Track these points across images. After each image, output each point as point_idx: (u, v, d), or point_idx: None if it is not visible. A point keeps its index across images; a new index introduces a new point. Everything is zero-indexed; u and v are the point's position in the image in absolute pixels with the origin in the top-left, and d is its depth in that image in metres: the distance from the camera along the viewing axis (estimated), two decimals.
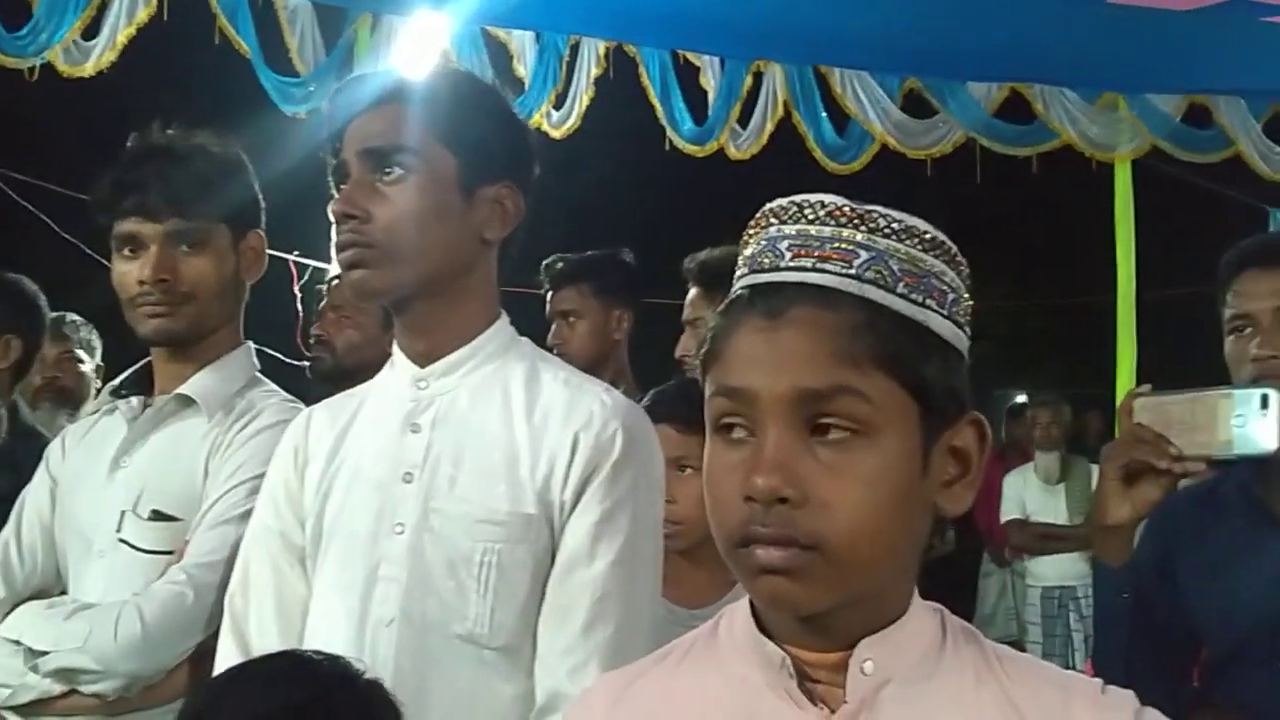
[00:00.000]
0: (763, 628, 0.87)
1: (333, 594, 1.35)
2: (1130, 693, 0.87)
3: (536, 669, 1.31)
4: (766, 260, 0.85)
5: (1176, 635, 1.72)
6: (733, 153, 4.96)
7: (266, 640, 1.37)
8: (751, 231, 0.88)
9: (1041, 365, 10.63)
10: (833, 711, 0.84)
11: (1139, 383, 1.76)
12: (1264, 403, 1.52)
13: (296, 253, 4.28)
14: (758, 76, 4.92)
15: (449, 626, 1.30)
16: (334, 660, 1.14)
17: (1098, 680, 0.88)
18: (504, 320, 1.45)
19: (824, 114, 4.98)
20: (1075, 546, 5.10)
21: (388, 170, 1.35)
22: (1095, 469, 1.78)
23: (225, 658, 1.38)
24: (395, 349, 1.44)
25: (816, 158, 4.99)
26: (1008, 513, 5.64)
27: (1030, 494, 5.64)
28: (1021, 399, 8.36)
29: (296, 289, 3.92)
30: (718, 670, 0.90)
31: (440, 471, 1.33)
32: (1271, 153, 5.45)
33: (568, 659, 1.29)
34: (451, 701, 1.29)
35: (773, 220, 0.86)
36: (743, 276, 0.87)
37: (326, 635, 1.32)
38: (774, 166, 5.17)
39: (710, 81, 4.86)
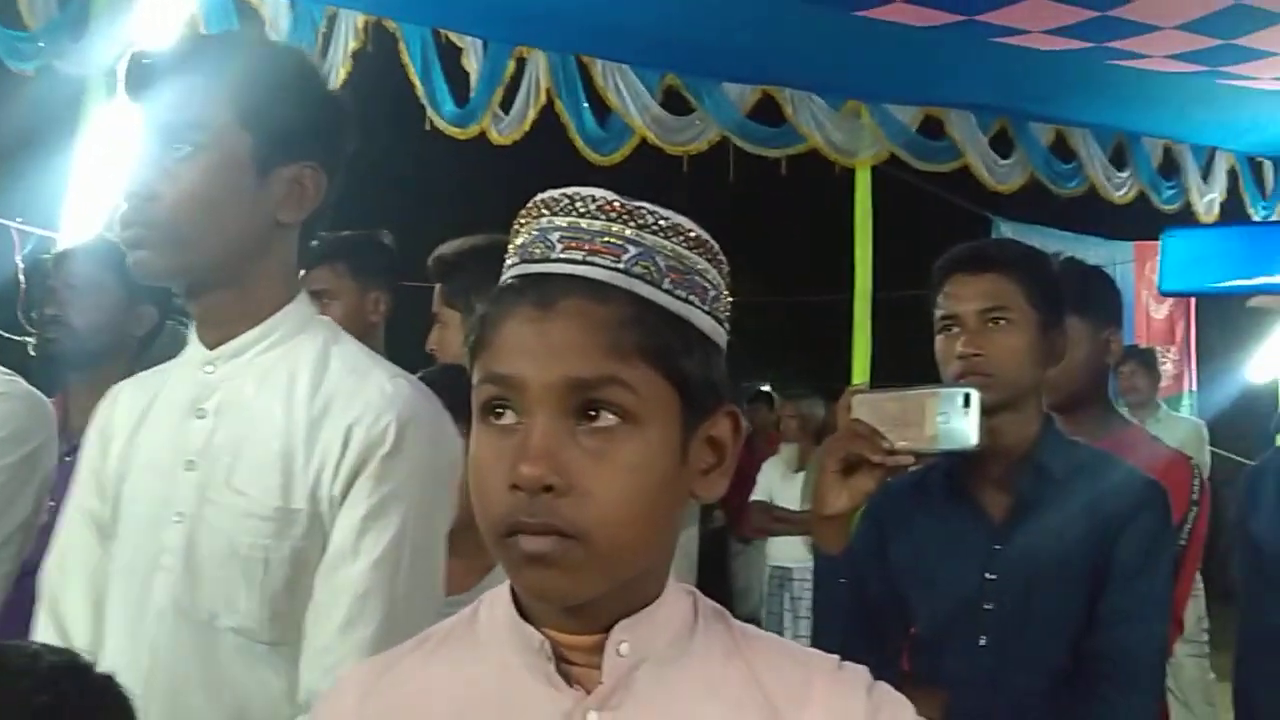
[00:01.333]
0: (522, 612, 0.88)
1: (121, 579, 1.32)
2: (864, 669, 0.92)
3: (300, 665, 1.28)
4: (538, 251, 0.86)
5: (889, 618, 1.84)
6: (495, 137, 4.94)
7: (78, 622, 1.33)
8: (522, 221, 0.89)
9: (786, 359, 11.06)
10: (589, 693, 0.86)
11: (874, 378, 1.87)
12: (966, 401, 1.65)
13: (20, 220, 3.99)
14: (521, 62, 4.91)
15: (221, 619, 1.27)
16: (62, 654, 1.09)
17: (834, 657, 0.93)
18: (300, 301, 1.40)
19: (586, 104, 5.02)
20: (800, 530, 5.41)
21: (176, 146, 1.28)
22: None
23: (42, 634, 1.34)
24: (191, 330, 1.39)
25: (578, 147, 5.03)
26: (758, 495, 5.95)
27: (776, 480, 5.94)
28: (765, 388, 8.74)
29: (19, 259, 3.64)
30: (476, 655, 0.90)
31: (220, 461, 1.30)
32: (996, 165, 5.87)
33: (325, 657, 1.26)
34: (224, 694, 1.27)
35: (544, 211, 0.87)
36: (513, 265, 0.88)
37: (113, 621, 1.30)
38: (536, 153, 5.18)
39: (473, 64, 4.81)
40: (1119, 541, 1.72)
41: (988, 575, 1.78)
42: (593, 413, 0.82)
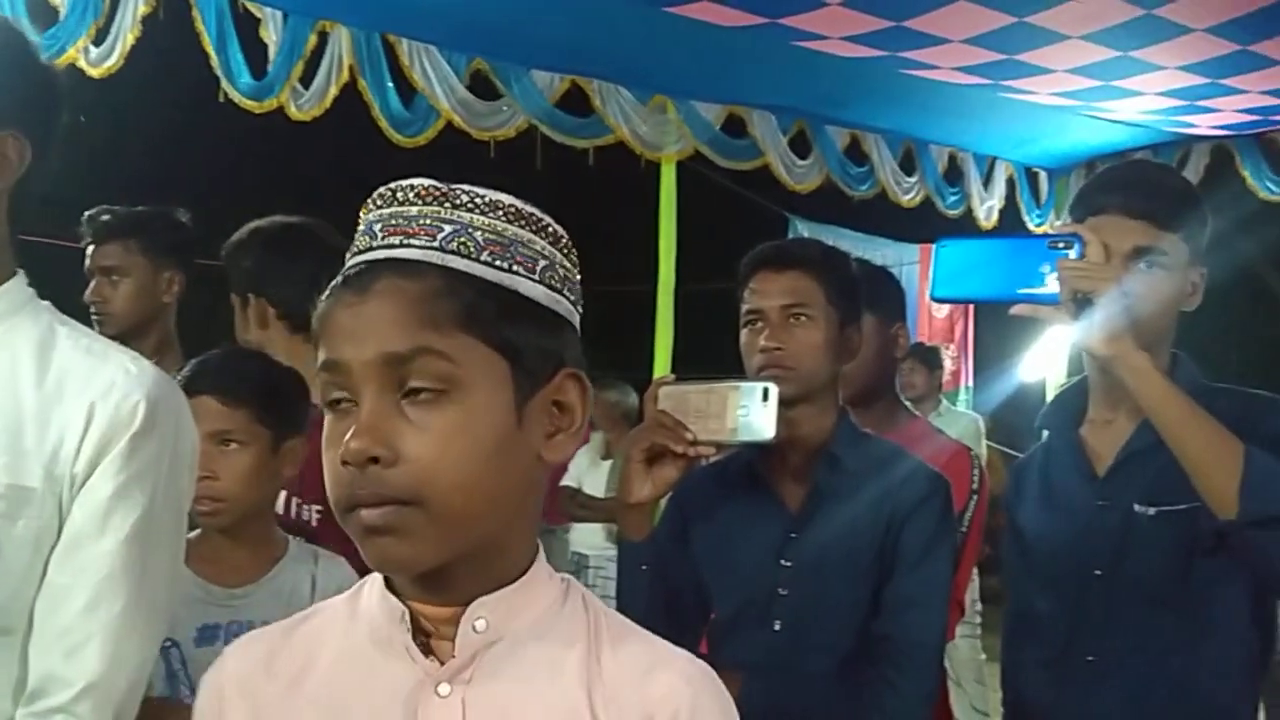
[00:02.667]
0: (391, 586, 0.91)
1: None
2: (705, 665, 0.97)
3: (30, 651, 1.22)
4: (362, 243, 0.89)
5: (689, 603, 1.89)
6: (294, 112, 4.77)
7: None
8: (358, 218, 0.91)
9: (594, 348, 11.13)
10: (443, 665, 0.88)
11: (675, 369, 1.91)
12: (765, 395, 1.71)
13: None
14: (323, 36, 4.76)
15: None
16: None
17: (684, 651, 0.97)
18: (18, 280, 1.33)
19: (390, 84, 4.91)
20: (605, 517, 5.50)
21: None
22: None
23: None
24: None
25: (381, 127, 4.92)
26: (568, 481, 6.00)
27: (585, 467, 6.01)
28: None
29: None
30: (353, 627, 0.93)
31: None
32: (795, 165, 6.05)
33: (65, 639, 1.21)
34: None
35: (371, 206, 0.90)
36: (348, 261, 0.90)
37: None
38: (337, 131, 5.04)
39: (271, 36, 4.63)
40: (905, 530, 1.81)
41: (783, 562, 1.85)
42: (417, 387, 0.84)
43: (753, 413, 1.70)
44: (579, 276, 0.97)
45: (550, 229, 0.93)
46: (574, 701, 0.89)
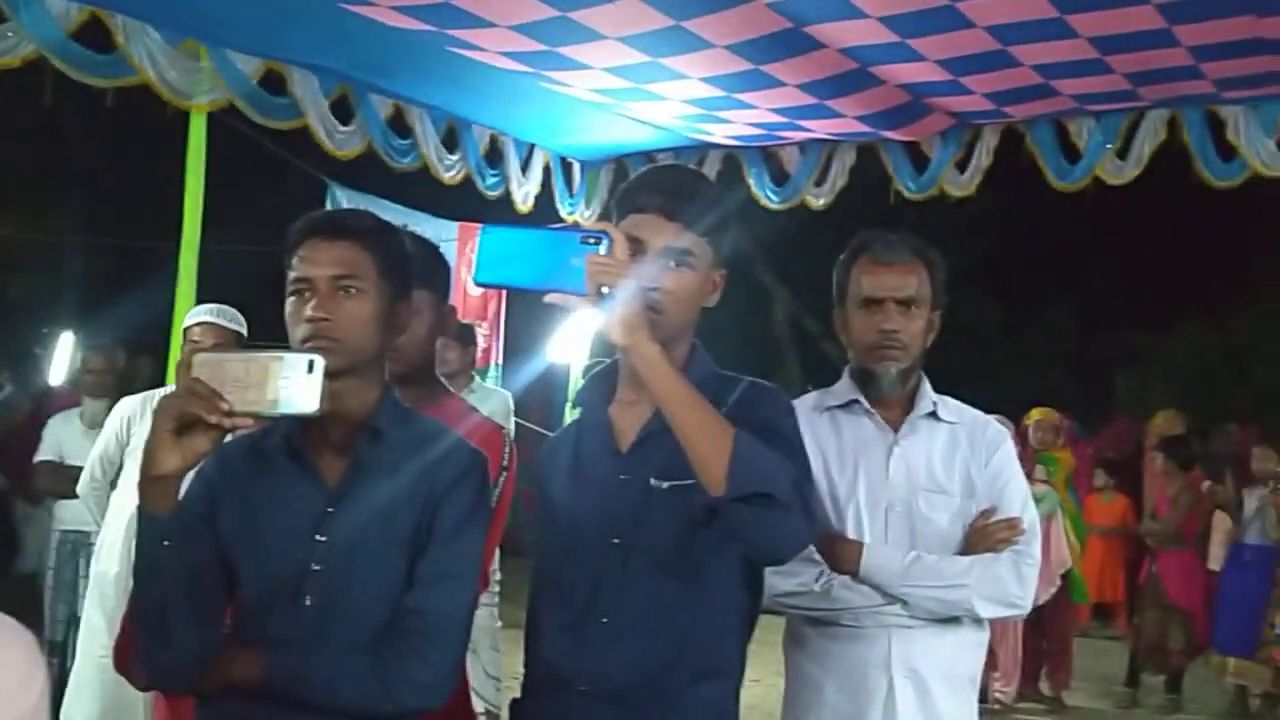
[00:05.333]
0: None
1: None
2: None
3: None
4: None
5: (213, 581, 1.82)
6: None
7: None
8: None
9: (106, 304, 10.26)
10: None
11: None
12: (310, 367, 1.68)
13: None
14: None
15: None
16: None
17: None
18: None
19: None
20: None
21: None
22: None
23: None
24: None
25: None
26: (45, 454, 5.47)
27: (71, 438, 5.49)
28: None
29: None
30: None
31: None
32: (336, 130, 5.89)
33: None
34: None
35: None
36: None
37: None
38: None
39: None
40: (443, 506, 1.85)
41: (318, 537, 1.82)
42: None
43: (296, 384, 1.66)
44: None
45: None
46: None
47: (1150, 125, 6.32)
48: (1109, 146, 6.40)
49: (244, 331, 4.29)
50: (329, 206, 6.45)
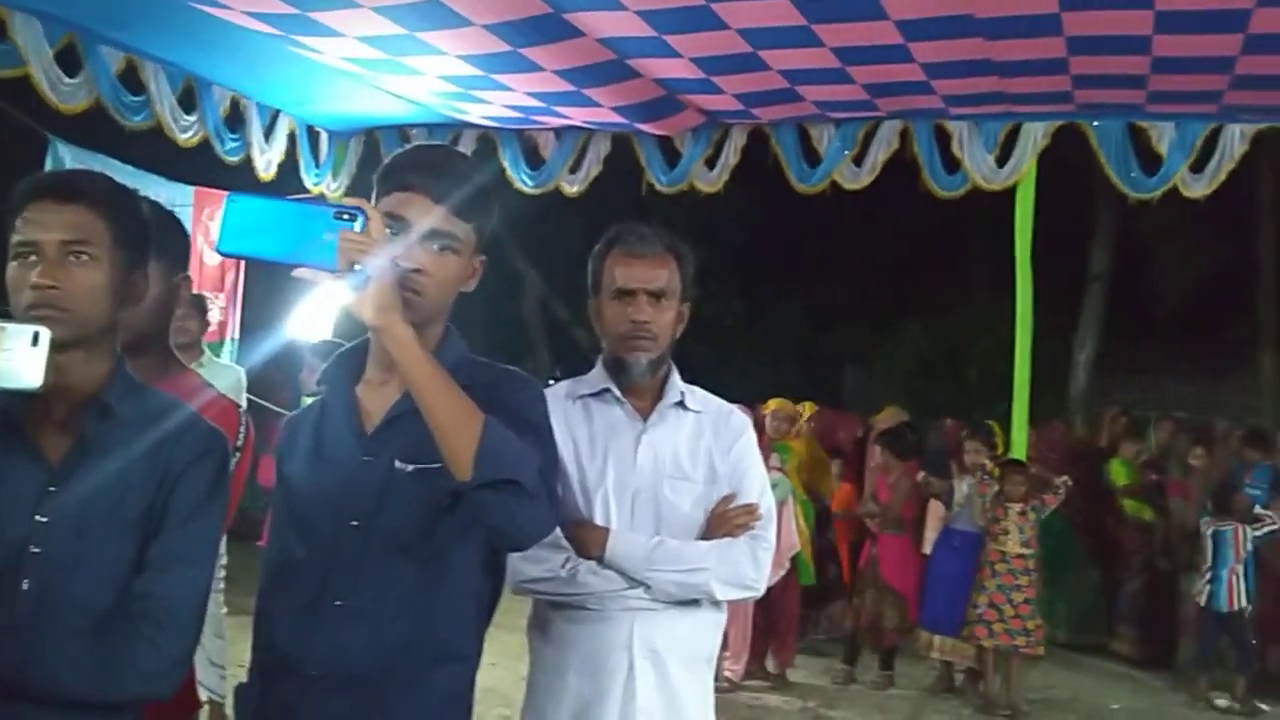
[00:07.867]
0: None
1: None
2: None
3: None
4: None
5: None
6: None
7: None
8: None
9: None
10: None
11: None
12: (35, 339, 1.56)
13: None
14: None
15: None
16: None
17: None
18: None
19: None
20: None
21: None
22: None
23: None
24: None
25: None
26: None
27: None
28: None
29: None
30: None
31: None
32: (61, 82, 5.48)
33: None
34: None
35: None
36: None
37: None
38: None
39: None
40: (178, 487, 1.76)
41: (39, 518, 1.70)
42: None
43: (18, 357, 1.54)
44: None
45: None
46: None
47: (884, 135, 6.72)
48: (846, 153, 6.76)
49: None
50: (50, 164, 5.99)
